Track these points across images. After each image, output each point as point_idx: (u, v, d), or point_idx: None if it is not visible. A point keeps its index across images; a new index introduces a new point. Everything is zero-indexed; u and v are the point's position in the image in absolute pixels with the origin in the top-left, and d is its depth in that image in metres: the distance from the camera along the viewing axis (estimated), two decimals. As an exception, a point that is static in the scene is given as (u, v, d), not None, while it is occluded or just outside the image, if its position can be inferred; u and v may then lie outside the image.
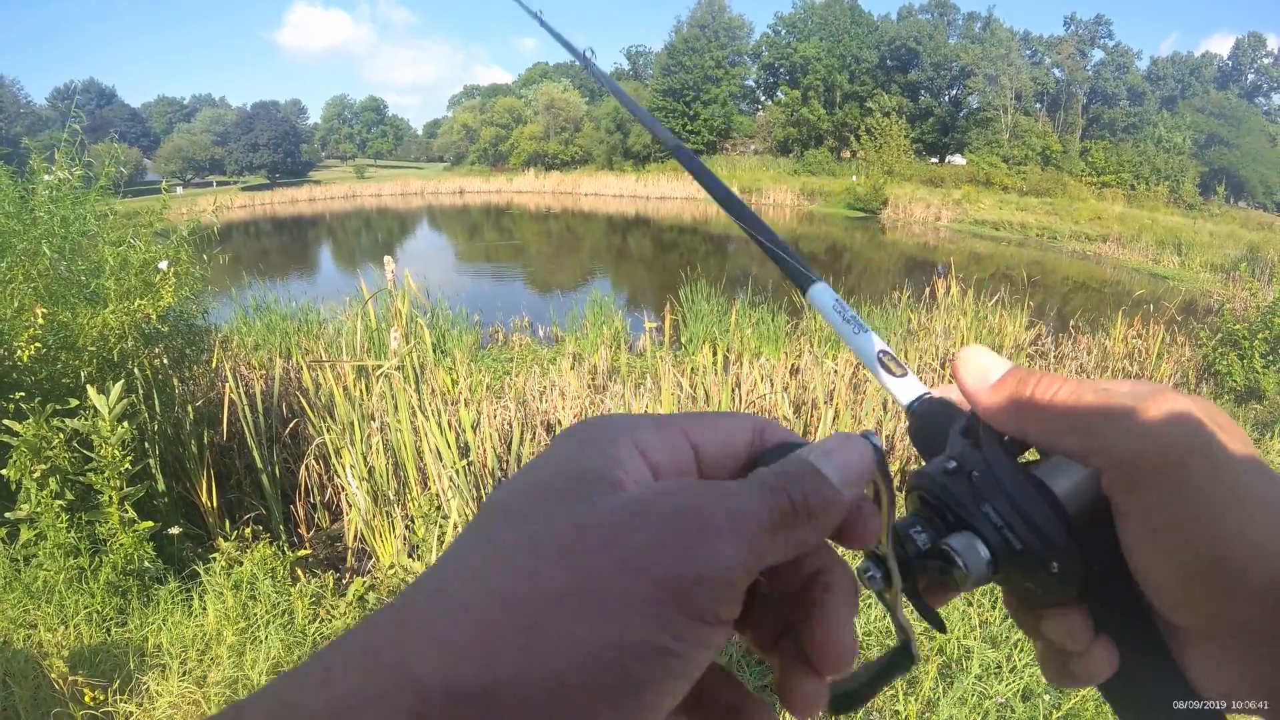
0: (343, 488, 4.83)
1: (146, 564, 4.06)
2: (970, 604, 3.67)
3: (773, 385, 6.53)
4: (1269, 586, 0.33)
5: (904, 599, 0.40)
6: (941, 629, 0.43)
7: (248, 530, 4.39)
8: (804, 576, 0.36)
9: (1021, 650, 3.33)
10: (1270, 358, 8.38)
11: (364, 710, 0.25)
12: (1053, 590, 0.38)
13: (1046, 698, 3.05)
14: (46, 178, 5.20)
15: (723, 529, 0.29)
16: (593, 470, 0.31)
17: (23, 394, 4.07)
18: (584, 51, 1.07)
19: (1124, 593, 0.39)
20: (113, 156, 5.68)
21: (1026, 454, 0.43)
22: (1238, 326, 8.88)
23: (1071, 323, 10.81)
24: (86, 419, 3.98)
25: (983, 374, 0.41)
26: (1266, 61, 60.75)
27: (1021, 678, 3.16)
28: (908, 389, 0.47)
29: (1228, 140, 52.50)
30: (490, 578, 0.28)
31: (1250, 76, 61.30)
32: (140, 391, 4.88)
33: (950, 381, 0.45)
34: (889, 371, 0.48)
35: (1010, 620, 3.53)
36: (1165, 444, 0.34)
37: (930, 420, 0.45)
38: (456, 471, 4.68)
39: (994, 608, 3.66)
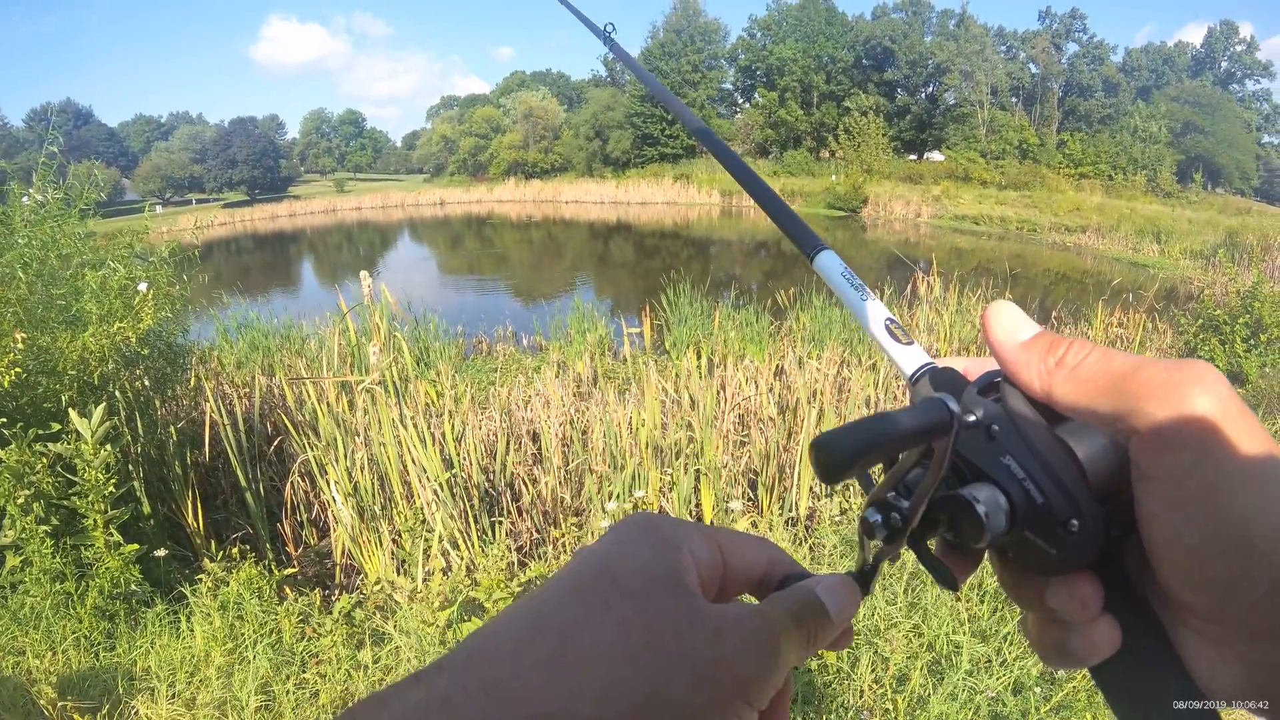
0: (329, 504, 4.81)
1: (133, 587, 4.04)
2: (959, 599, 3.68)
3: (757, 387, 6.52)
4: None
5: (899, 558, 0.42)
6: (953, 586, 0.43)
7: (235, 550, 4.37)
8: None
9: (1011, 644, 3.34)
10: (1251, 342, 8.45)
11: None
12: (1068, 551, 0.38)
13: (1038, 690, 3.06)
14: (25, 200, 5.16)
15: (778, 649, 0.38)
16: (676, 570, 0.39)
17: (4, 419, 4.04)
18: (605, 28, 1.07)
19: (1126, 574, 0.39)
20: (91, 180, 5.64)
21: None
22: (1218, 312, 8.96)
23: (1054, 314, 10.88)
24: (69, 443, 3.96)
25: (1013, 331, 0.42)
26: (1239, 49, 61.28)
27: (1012, 671, 3.16)
28: (913, 358, 0.47)
29: (1203, 128, 52.90)
30: (616, 643, 0.34)
31: (1224, 64, 61.81)
32: (122, 414, 4.85)
33: (958, 353, 0.44)
34: (895, 340, 0.48)
35: (999, 615, 3.55)
36: (1200, 410, 0.34)
37: (936, 389, 0.44)
38: (440, 485, 4.67)
39: (982, 602, 3.67)
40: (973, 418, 0.40)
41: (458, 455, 5.10)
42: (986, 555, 0.44)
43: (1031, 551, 0.39)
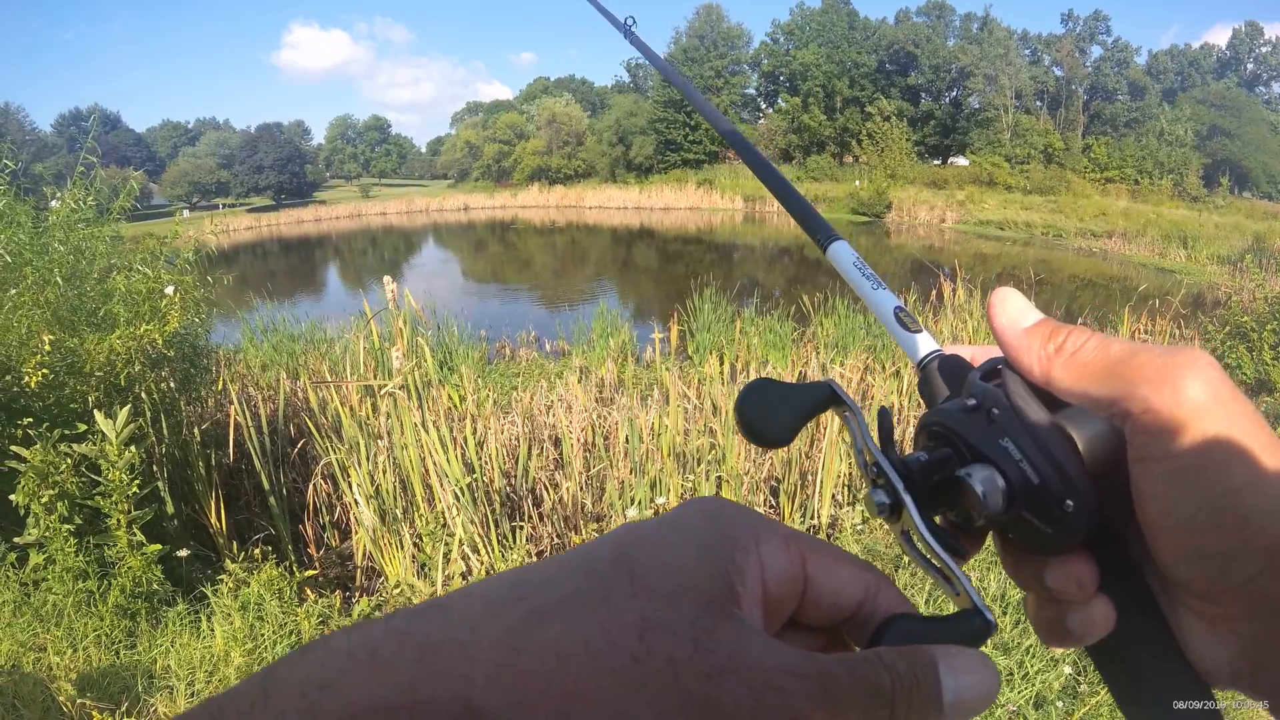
0: (351, 506, 4.83)
1: (155, 586, 4.07)
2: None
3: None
4: (1274, 547, 0.34)
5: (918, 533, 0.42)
6: (963, 554, 0.42)
7: (257, 551, 4.39)
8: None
9: (1033, 656, 3.30)
10: (1279, 349, 8.33)
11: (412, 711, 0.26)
12: (1063, 531, 0.39)
13: (1059, 705, 3.02)
14: (54, 203, 5.24)
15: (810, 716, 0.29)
16: (722, 577, 0.32)
17: (30, 419, 4.10)
18: (625, 21, 1.08)
19: (1124, 556, 0.41)
20: (128, 188, 5.72)
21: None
22: (1245, 319, 8.84)
23: (1080, 320, 10.72)
24: (94, 444, 4.00)
25: (1016, 317, 0.43)
26: (1264, 50, 60.56)
27: (1034, 685, 3.13)
28: (921, 345, 0.49)
29: (1229, 131, 52.23)
30: (594, 646, 0.28)
31: (1249, 66, 61.11)
32: (147, 415, 4.89)
33: (966, 342, 0.44)
34: (905, 328, 0.49)
35: (1021, 627, 3.51)
36: (1192, 393, 0.35)
37: (942, 374, 0.47)
38: (461, 489, 4.67)
39: (1004, 614, 3.63)
40: (974, 401, 0.42)
41: (479, 459, 5.11)
42: (991, 537, 0.45)
43: (1029, 531, 0.40)
